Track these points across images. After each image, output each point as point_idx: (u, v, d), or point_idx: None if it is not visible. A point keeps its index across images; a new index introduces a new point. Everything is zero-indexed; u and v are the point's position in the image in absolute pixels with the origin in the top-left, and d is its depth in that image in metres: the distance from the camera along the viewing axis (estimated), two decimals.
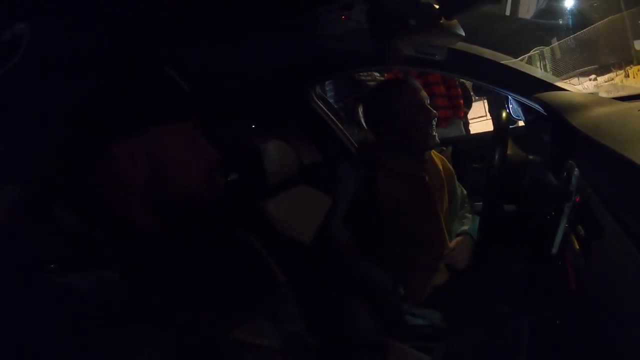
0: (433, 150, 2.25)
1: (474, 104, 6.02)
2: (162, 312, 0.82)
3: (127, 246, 0.89)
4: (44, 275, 0.78)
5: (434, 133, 2.08)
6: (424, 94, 2.08)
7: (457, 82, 4.50)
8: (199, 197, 1.01)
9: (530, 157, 1.98)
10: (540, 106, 1.96)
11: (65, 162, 0.91)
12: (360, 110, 2.35)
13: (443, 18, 1.46)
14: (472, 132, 5.96)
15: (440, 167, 2.27)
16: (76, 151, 0.91)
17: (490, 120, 7.25)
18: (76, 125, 0.90)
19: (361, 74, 4.17)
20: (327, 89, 4.27)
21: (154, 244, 0.93)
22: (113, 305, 0.78)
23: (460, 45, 2.10)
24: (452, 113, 4.37)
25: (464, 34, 1.60)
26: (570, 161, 1.39)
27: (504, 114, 1.90)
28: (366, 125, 2.29)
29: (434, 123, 2.07)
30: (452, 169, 2.34)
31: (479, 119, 8.75)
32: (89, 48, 1.05)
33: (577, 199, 1.33)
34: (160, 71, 1.00)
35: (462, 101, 4.53)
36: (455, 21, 1.54)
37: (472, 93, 5.90)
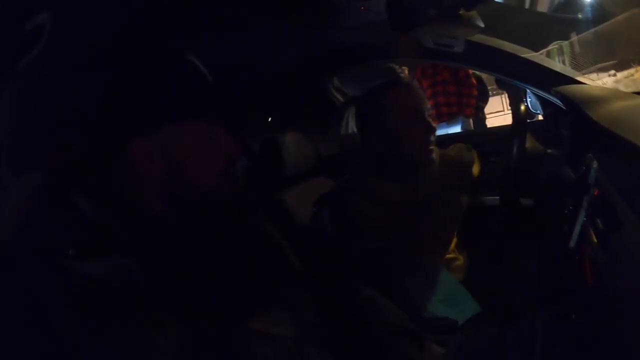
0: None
1: (491, 99, 6.03)
2: (178, 299, 0.83)
3: (144, 234, 0.89)
4: (61, 261, 0.78)
5: (431, 148, 1.88)
6: (425, 104, 1.89)
7: (473, 82, 4.65)
8: (217, 191, 1.01)
9: (549, 150, 1.97)
10: (559, 100, 1.94)
11: (84, 152, 0.91)
12: (352, 113, 2.16)
13: (462, 9, 1.45)
14: (488, 126, 5.96)
15: (455, 166, 2.09)
16: (94, 143, 0.91)
17: (507, 114, 7.21)
18: (95, 116, 0.90)
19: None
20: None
21: (171, 232, 0.93)
22: (129, 293, 0.78)
23: (479, 37, 2.08)
24: (457, 110, 4.50)
25: (483, 26, 1.58)
26: (589, 155, 1.38)
27: (522, 108, 1.88)
28: (358, 132, 2.05)
29: (432, 139, 1.88)
30: (469, 160, 2.15)
31: (496, 114, 8.68)
32: (109, 34, 1.05)
33: (596, 193, 1.32)
34: (183, 60, 1.00)
35: (474, 101, 4.68)
36: (474, 12, 1.53)
37: (490, 87, 5.89)
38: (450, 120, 4.43)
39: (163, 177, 0.94)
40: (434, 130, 1.88)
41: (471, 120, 4.96)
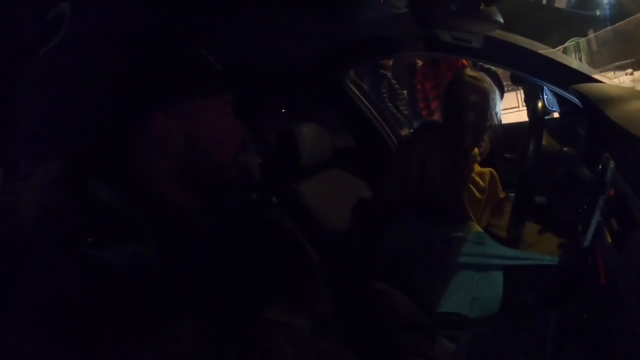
0: None
1: (506, 95, 6.05)
2: (197, 289, 0.83)
3: (163, 222, 0.90)
4: (81, 249, 0.79)
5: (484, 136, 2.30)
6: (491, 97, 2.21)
7: None
8: (230, 174, 1.01)
9: (565, 149, 1.96)
10: (577, 98, 1.92)
11: (102, 136, 0.92)
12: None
13: (483, 4, 1.44)
14: (503, 123, 5.96)
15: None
16: (111, 126, 0.91)
17: (522, 111, 7.17)
18: (111, 99, 0.90)
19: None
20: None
21: (189, 221, 0.93)
22: (147, 280, 0.79)
23: (497, 33, 2.07)
24: None
25: (502, 21, 1.58)
26: (606, 154, 1.38)
27: (539, 104, 1.87)
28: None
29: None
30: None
31: (511, 110, 8.63)
32: (125, 22, 1.06)
33: (612, 193, 1.32)
34: (192, 51, 1.01)
35: None
36: (494, 8, 1.53)
37: (505, 83, 5.90)
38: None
39: (180, 157, 0.94)
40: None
41: None
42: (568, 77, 2.02)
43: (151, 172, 0.94)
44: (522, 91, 7.41)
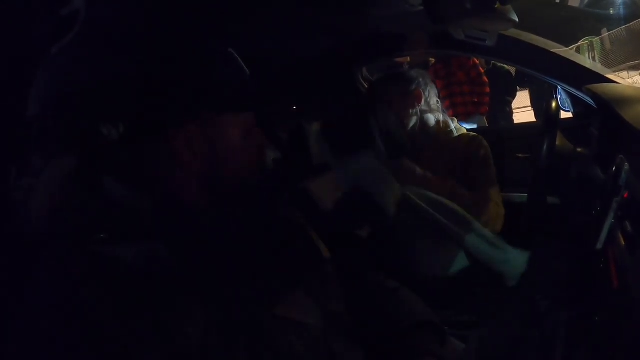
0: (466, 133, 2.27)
1: (518, 94, 6.04)
2: (207, 285, 0.83)
3: (175, 220, 0.89)
4: (92, 245, 0.79)
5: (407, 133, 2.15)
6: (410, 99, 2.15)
7: (485, 81, 4.99)
8: (249, 180, 1.00)
9: (578, 149, 1.94)
10: (591, 98, 1.91)
11: (120, 136, 0.91)
12: None
13: (498, 3, 1.44)
14: (515, 122, 5.95)
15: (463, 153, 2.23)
16: (133, 127, 0.90)
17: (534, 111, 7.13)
18: (135, 101, 0.89)
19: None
20: None
21: (201, 219, 0.93)
22: (159, 278, 0.79)
23: (510, 32, 2.06)
24: (474, 109, 4.88)
25: (517, 20, 1.57)
26: (621, 156, 1.36)
27: (553, 104, 1.86)
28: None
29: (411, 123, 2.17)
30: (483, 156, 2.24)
31: (523, 109, 8.54)
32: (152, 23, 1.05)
33: (626, 195, 1.31)
34: (224, 53, 0.99)
35: (487, 99, 5.01)
36: (509, 6, 1.52)
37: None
38: (466, 119, 4.58)
39: (200, 166, 0.93)
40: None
41: (485, 118, 5.10)
42: (582, 77, 2.01)
43: (166, 175, 0.93)
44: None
